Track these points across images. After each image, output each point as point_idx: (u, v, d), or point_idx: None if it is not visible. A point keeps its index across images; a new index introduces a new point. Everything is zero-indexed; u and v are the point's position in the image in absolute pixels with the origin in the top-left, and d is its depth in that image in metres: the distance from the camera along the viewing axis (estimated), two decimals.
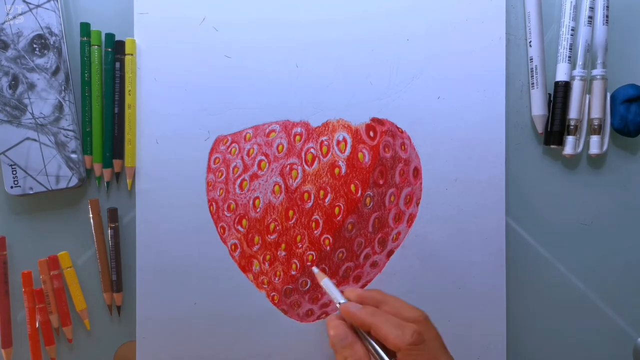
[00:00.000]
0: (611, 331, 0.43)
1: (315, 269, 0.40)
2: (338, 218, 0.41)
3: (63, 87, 0.39)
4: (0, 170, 0.40)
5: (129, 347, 0.41)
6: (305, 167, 0.41)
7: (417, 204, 0.42)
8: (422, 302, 0.42)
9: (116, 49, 0.40)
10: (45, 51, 0.39)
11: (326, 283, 0.38)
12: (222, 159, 0.41)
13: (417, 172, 0.42)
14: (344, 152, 0.41)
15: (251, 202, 0.41)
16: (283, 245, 0.41)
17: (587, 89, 0.42)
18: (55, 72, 0.39)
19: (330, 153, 0.41)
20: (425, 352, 0.33)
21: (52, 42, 0.39)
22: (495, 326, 0.42)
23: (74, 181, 0.40)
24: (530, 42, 0.42)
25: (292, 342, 0.41)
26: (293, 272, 0.41)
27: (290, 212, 0.41)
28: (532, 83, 0.42)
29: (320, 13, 0.41)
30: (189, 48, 0.41)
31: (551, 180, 0.43)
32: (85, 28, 0.40)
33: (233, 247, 0.41)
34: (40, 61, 0.39)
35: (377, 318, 0.34)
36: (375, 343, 0.33)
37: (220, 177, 0.41)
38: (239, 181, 0.41)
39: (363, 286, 0.42)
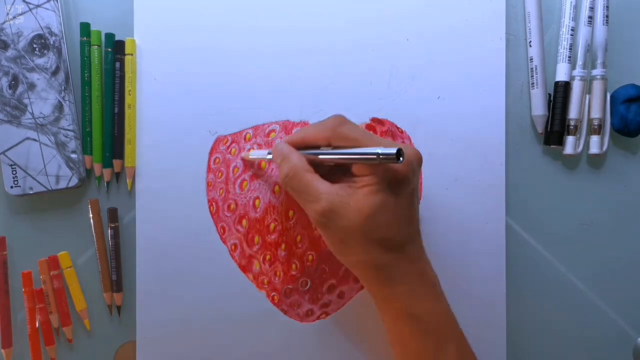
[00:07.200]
0: (611, 331, 0.43)
1: (242, 154, 0.40)
2: None
3: (63, 87, 0.39)
4: (0, 170, 0.40)
5: (129, 347, 0.41)
6: None
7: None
8: None
9: (116, 49, 0.40)
10: (45, 51, 0.39)
11: (253, 153, 0.39)
12: (222, 159, 0.41)
13: None
14: None
15: (251, 202, 0.41)
16: (283, 245, 0.41)
17: (587, 89, 0.42)
18: (55, 72, 0.39)
19: None
20: (351, 125, 0.34)
21: (52, 42, 0.39)
22: (495, 326, 0.42)
23: (74, 181, 0.39)
24: (530, 42, 0.42)
25: (292, 342, 0.41)
26: (293, 272, 0.41)
27: (291, 212, 0.41)
28: (532, 83, 0.42)
29: (320, 13, 0.41)
30: (189, 48, 0.41)
31: (551, 180, 0.43)
32: (85, 28, 0.40)
33: (233, 247, 0.41)
34: (40, 61, 0.39)
35: (302, 131, 0.36)
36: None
37: (220, 177, 0.41)
38: (239, 181, 0.41)
39: (363, 286, 0.42)
